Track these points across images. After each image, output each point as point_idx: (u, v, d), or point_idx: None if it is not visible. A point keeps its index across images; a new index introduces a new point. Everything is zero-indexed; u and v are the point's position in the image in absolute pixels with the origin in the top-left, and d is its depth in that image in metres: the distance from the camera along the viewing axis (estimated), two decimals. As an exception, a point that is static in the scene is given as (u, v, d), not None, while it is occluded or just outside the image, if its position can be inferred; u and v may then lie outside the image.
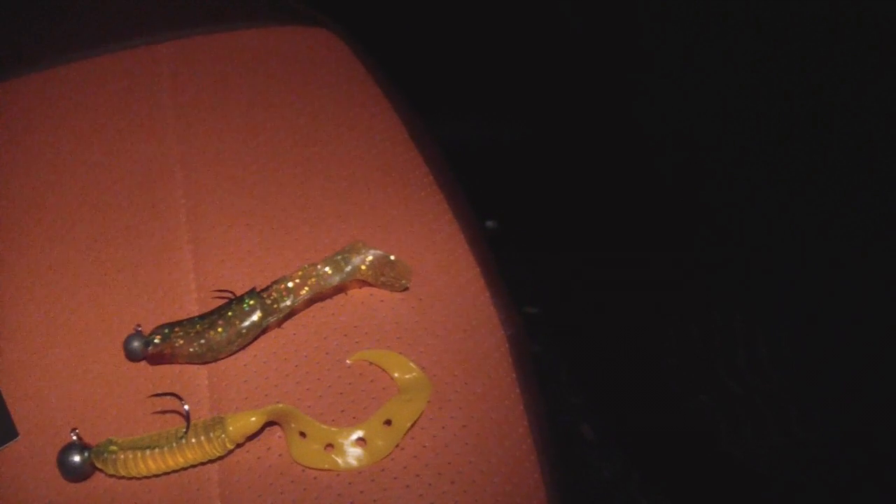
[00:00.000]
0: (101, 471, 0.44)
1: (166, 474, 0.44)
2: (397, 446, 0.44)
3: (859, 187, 0.74)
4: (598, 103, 1.01)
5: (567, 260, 0.97)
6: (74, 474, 0.44)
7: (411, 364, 0.47)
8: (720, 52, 0.82)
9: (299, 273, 0.48)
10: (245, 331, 0.47)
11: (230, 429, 0.43)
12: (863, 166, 0.73)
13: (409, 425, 0.45)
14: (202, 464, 0.44)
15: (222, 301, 0.49)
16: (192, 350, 0.47)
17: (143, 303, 0.51)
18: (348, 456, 0.44)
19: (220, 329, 0.47)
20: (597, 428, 0.88)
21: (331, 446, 0.44)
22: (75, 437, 0.43)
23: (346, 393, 0.46)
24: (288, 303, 0.48)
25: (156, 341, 0.47)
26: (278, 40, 0.68)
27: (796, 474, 0.77)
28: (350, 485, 0.43)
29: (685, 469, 0.83)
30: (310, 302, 0.50)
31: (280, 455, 0.44)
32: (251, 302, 0.47)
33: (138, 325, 0.48)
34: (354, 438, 0.44)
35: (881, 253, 0.72)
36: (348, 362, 0.48)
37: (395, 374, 0.47)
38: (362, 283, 0.51)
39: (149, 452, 0.43)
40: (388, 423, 0.45)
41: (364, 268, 0.49)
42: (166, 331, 0.47)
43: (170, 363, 0.49)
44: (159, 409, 0.47)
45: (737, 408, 0.81)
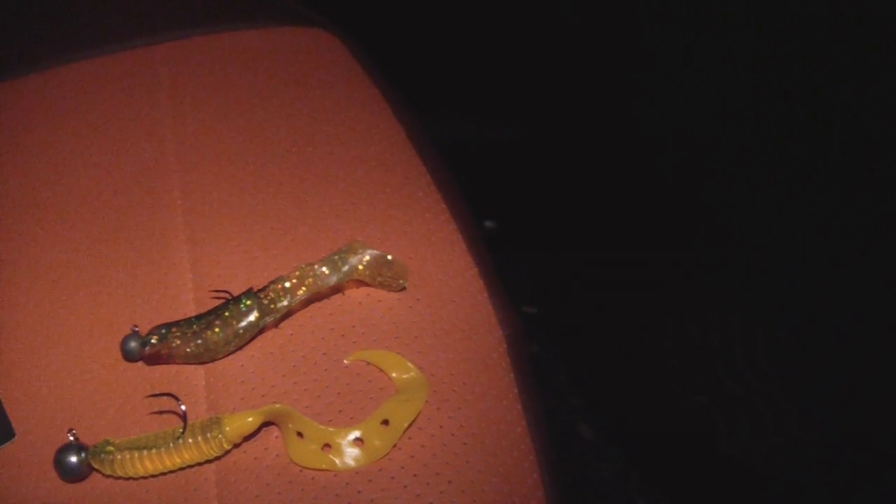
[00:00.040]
0: (98, 471, 0.44)
1: (163, 475, 0.44)
2: (395, 446, 0.44)
3: (859, 187, 0.74)
4: (597, 103, 1.01)
5: (566, 260, 0.97)
6: (71, 475, 0.43)
7: (409, 364, 0.47)
8: (720, 52, 0.82)
9: (296, 273, 0.48)
10: (242, 331, 0.47)
11: (227, 429, 0.43)
12: (863, 166, 0.73)
13: (406, 425, 0.45)
14: (199, 464, 0.44)
15: (219, 301, 0.49)
16: (189, 350, 0.47)
17: (140, 303, 0.51)
18: (346, 456, 0.44)
19: (217, 329, 0.47)
20: (595, 428, 0.88)
21: (328, 446, 0.44)
22: (72, 438, 0.43)
23: (344, 393, 0.46)
24: (285, 303, 0.48)
25: (153, 341, 0.47)
26: (276, 41, 0.68)
27: (795, 475, 0.77)
28: (347, 485, 0.43)
29: (684, 469, 0.83)
30: (307, 302, 0.50)
31: (277, 455, 0.44)
32: (248, 302, 0.47)
33: (135, 326, 0.48)
34: (352, 438, 0.44)
35: (881, 253, 0.72)
36: (346, 362, 0.48)
37: (392, 374, 0.47)
38: (360, 283, 0.51)
39: (146, 453, 0.43)
40: (386, 423, 0.44)
41: (361, 268, 0.49)
42: (163, 331, 0.47)
43: (167, 363, 0.48)
44: (156, 409, 0.47)
45: (736, 408, 0.81)
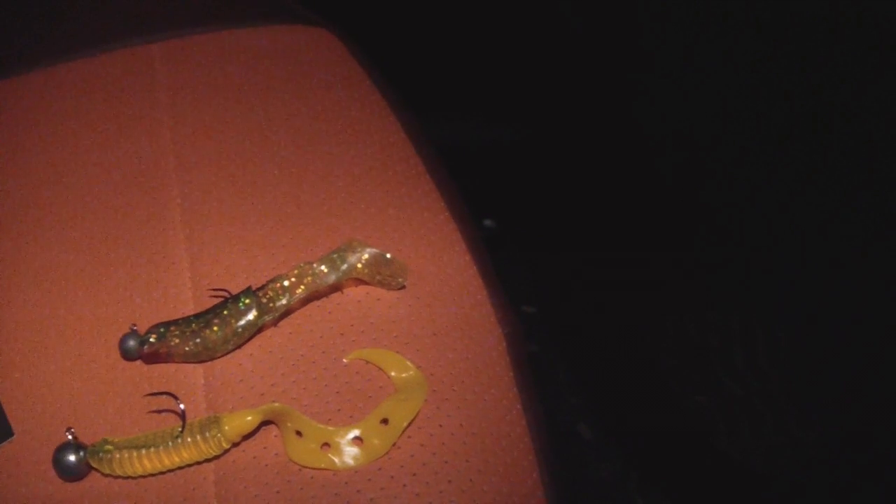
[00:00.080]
0: (96, 470, 0.44)
1: (162, 474, 0.44)
2: (394, 445, 0.44)
3: (859, 187, 0.73)
4: (597, 103, 1.01)
5: (565, 259, 0.97)
6: (70, 474, 0.43)
7: (408, 363, 0.47)
8: (720, 52, 0.82)
9: (295, 272, 0.48)
10: (241, 330, 0.47)
11: (226, 428, 0.43)
12: (863, 166, 0.73)
13: (405, 424, 0.45)
14: (198, 463, 0.44)
15: (218, 300, 0.49)
16: (188, 349, 0.47)
17: (139, 302, 0.51)
18: (345, 455, 0.44)
19: (215, 328, 0.47)
20: (595, 427, 0.88)
21: (327, 445, 0.44)
22: (71, 437, 0.43)
23: (343, 392, 0.46)
24: (284, 301, 0.48)
25: (151, 340, 0.47)
26: (275, 40, 0.68)
27: (795, 474, 0.77)
28: (347, 484, 0.43)
29: (683, 469, 0.83)
30: (306, 301, 0.50)
31: (276, 454, 0.44)
32: (247, 301, 0.47)
33: (134, 325, 0.48)
34: (351, 437, 0.44)
35: (881, 253, 0.72)
36: (345, 361, 0.48)
37: (391, 373, 0.47)
38: (359, 281, 0.51)
39: (144, 452, 0.43)
40: (385, 421, 0.44)
41: (360, 266, 0.49)
42: (162, 330, 0.47)
43: (165, 362, 0.48)
44: (155, 408, 0.47)
45: (735, 408, 0.81)
